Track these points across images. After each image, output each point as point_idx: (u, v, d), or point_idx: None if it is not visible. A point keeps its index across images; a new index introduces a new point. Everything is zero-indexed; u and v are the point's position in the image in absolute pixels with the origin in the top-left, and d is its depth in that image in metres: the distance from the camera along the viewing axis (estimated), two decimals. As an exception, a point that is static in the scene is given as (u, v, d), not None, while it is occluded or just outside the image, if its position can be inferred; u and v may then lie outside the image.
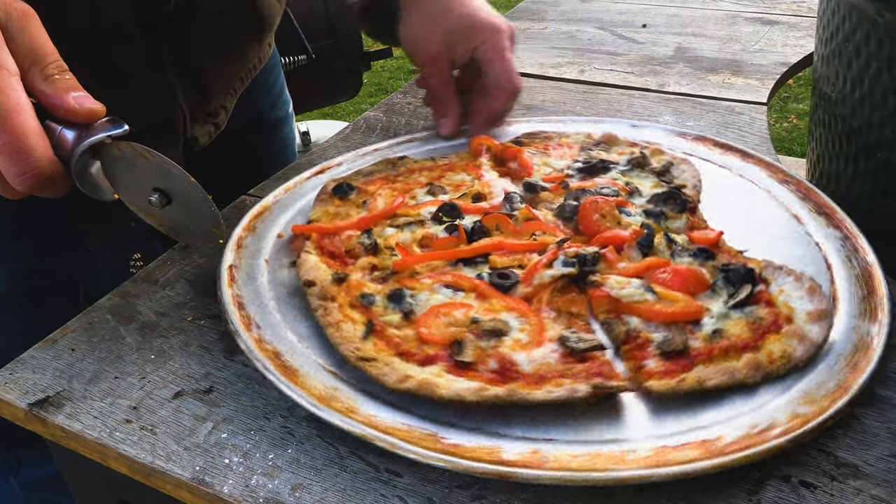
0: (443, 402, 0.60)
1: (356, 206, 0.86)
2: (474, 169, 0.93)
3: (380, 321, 0.69)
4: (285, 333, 0.70)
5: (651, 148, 0.96)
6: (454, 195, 0.87)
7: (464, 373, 0.63)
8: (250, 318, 0.71)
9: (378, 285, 0.74)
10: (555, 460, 0.56)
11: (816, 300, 0.68)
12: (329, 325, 0.69)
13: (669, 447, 0.57)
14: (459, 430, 0.60)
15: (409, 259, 0.76)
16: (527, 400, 0.60)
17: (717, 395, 0.62)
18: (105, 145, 0.66)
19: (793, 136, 3.75)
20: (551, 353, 0.64)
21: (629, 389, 0.62)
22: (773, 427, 0.58)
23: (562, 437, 0.59)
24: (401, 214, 0.83)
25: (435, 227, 0.81)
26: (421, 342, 0.66)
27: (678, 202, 0.83)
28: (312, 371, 0.65)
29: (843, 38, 0.85)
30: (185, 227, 0.75)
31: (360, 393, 0.63)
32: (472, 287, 0.72)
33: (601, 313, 0.70)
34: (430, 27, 0.97)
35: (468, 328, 0.67)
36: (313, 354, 0.68)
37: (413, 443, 0.58)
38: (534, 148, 0.97)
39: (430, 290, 0.72)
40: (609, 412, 0.61)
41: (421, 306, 0.70)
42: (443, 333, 0.67)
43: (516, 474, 0.55)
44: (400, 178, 0.91)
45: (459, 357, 0.64)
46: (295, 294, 0.75)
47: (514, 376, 0.62)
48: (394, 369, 0.63)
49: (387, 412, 0.61)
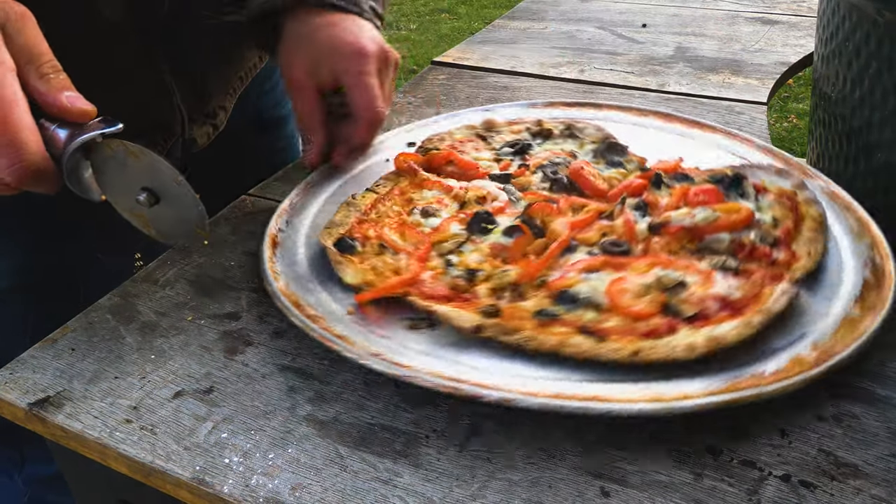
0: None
1: (374, 255, 0.79)
2: (433, 184, 0.89)
3: (580, 322, 0.68)
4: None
5: (533, 121, 1.02)
6: (447, 210, 0.85)
7: (690, 324, 0.66)
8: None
9: (528, 301, 0.71)
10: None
11: (791, 178, 0.82)
12: (556, 347, 0.65)
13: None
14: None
15: (532, 267, 0.74)
16: (771, 313, 0.66)
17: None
18: (96, 144, 0.66)
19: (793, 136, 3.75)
20: (729, 281, 0.70)
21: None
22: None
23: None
24: (438, 242, 0.79)
25: (484, 238, 0.79)
26: (634, 320, 0.67)
27: (619, 148, 0.92)
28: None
29: (843, 38, 0.85)
30: (171, 228, 0.75)
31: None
32: (605, 263, 0.73)
33: (685, 245, 0.75)
34: (296, 50, 0.91)
35: (656, 291, 0.69)
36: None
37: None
38: (447, 147, 0.97)
39: (580, 281, 0.71)
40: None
41: (597, 295, 0.69)
42: (647, 304, 0.68)
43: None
44: (371, 218, 0.84)
45: (681, 316, 0.67)
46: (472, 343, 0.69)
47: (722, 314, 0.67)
48: (667, 345, 0.64)
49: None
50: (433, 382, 0.62)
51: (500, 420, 0.62)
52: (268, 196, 0.95)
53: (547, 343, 0.66)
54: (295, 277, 0.77)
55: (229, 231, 0.88)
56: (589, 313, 0.69)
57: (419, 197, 0.88)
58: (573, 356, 0.65)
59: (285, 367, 0.69)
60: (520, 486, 0.57)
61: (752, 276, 0.71)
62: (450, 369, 0.64)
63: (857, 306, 0.68)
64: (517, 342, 0.66)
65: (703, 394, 0.60)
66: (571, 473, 0.58)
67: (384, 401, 0.65)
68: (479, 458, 0.59)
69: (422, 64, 4.57)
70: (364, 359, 0.65)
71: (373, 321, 0.71)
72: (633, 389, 0.62)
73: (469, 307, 0.71)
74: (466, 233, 0.80)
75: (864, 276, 0.72)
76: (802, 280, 0.72)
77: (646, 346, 0.64)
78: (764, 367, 0.63)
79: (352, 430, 0.62)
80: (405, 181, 0.90)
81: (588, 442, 0.60)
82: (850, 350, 0.63)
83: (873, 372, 0.65)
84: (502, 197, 0.86)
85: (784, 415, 0.62)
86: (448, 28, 5.39)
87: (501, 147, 0.97)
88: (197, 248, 0.85)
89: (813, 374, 0.61)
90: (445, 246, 0.79)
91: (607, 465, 0.58)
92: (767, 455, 0.58)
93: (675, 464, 0.58)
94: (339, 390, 0.66)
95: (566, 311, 0.69)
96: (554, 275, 0.74)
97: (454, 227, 0.81)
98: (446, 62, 1.40)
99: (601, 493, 0.56)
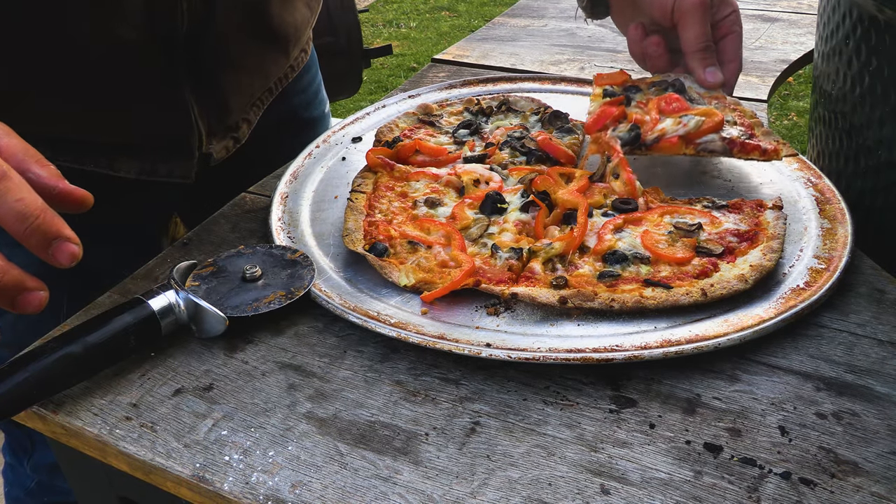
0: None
1: (408, 253, 0.80)
2: (419, 174, 0.91)
3: (641, 276, 0.74)
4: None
5: (464, 101, 1.07)
6: (447, 197, 0.87)
7: (723, 259, 0.76)
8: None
9: (583, 269, 0.76)
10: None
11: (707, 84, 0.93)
12: (639, 302, 0.71)
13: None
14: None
15: (575, 238, 0.78)
16: (782, 237, 0.78)
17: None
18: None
19: (793, 134, 3.75)
20: (728, 217, 0.81)
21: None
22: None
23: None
24: (463, 229, 0.81)
25: (501, 217, 0.83)
26: (679, 265, 0.75)
27: (561, 116, 0.99)
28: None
29: (844, 36, 0.85)
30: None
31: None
32: (625, 221, 0.81)
33: (684, 152, 0.87)
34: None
35: (681, 237, 0.78)
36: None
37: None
38: (407, 137, 0.99)
39: (616, 240, 0.78)
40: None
41: (640, 249, 0.77)
42: (683, 250, 0.77)
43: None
44: (378, 219, 0.84)
45: (713, 254, 0.76)
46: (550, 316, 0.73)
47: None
48: (721, 280, 0.72)
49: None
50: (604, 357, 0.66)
51: (498, 417, 0.63)
52: (267, 193, 0.95)
53: (629, 300, 0.71)
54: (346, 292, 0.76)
55: (229, 229, 0.88)
56: (643, 267, 0.75)
57: (411, 189, 0.89)
58: (655, 307, 0.70)
59: (285, 365, 0.69)
60: (519, 483, 0.57)
61: (742, 208, 0.82)
62: (582, 342, 0.68)
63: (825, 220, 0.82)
64: (600, 305, 0.71)
65: (773, 314, 0.69)
66: (571, 471, 0.58)
67: (384, 398, 0.65)
68: (478, 456, 0.59)
69: (422, 62, 4.57)
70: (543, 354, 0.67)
71: (445, 316, 0.72)
72: (714, 325, 0.69)
73: (538, 283, 0.74)
74: (484, 216, 0.83)
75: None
76: (780, 206, 0.82)
77: (706, 285, 0.71)
78: (793, 284, 0.73)
79: (352, 427, 0.62)
80: (384, 176, 0.91)
81: (588, 440, 0.60)
82: (848, 248, 0.76)
83: (873, 370, 0.65)
84: (495, 177, 0.89)
85: (784, 412, 0.62)
86: (448, 26, 5.39)
87: (456, 130, 1.01)
88: (196, 246, 0.85)
89: (836, 276, 0.73)
90: (473, 231, 0.81)
91: (607, 463, 0.58)
92: (767, 453, 0.58)
93: (675, 461, 0.58)
94: (339, 388, 0.66)
95: (622, 270, 0.75)
96: (589, 240, 0.79)
97: (469, 213, 0.83)
98: (446, 60, 1.39)
99: (601, 490, 0.56)
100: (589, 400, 0.64)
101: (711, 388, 0.64)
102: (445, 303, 0.73)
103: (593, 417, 0.62)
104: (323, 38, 2.23)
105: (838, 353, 0.67)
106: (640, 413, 0.63)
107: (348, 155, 0.99)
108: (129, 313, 0.67)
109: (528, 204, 0.83)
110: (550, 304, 0.71)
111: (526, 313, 0.72)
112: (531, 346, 0.67)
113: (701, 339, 0.67)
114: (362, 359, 0.69)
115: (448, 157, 0.95)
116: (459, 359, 0.68)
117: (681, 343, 0.66)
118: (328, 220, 0.87)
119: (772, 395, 0.63)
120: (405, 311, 0.72)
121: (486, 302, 0.74)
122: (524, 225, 0.82)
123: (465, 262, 0.75)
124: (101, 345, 0.65)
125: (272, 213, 0.87)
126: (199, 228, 0.88)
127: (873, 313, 0.72)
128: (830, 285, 0.72)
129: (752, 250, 0.76)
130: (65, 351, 0.63)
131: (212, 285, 0.73)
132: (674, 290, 0.71)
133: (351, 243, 0.80)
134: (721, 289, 0.71)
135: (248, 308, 0.71)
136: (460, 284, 0.73)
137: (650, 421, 0.62)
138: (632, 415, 0.62)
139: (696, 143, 0.88)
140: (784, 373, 0.66)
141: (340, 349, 0.70)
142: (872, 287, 0.75)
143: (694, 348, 0.66)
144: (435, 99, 1.10)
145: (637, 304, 0.70)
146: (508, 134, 0.97)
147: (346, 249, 0.80)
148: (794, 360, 0.67)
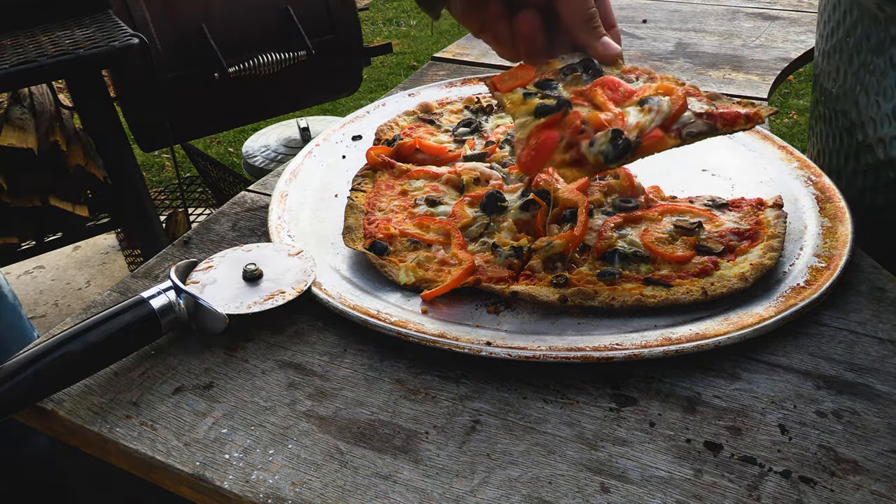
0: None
1: (408, 251, 0.80)
2: (419, 172, 0.91)
3: (641, 275, 0.74)
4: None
5: (464, 99, 1.07)
6: (447, 196, 0.87)
7: (723, 258, 0.76)
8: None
9: (583, 267, 0.76)
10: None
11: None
12: (639, 300, 0.71)
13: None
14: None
15: (575, 237, 0.78)
16: (783, 235, 0.78)
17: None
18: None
19: (793, 132, 3.75)
20: (729, 215, 0.82)
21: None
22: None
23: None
24: (463, 227, 0.81)
25: (501, 216, 0.82)
26: (679, 263, 0.75)
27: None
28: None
29: (844, 34, 0.85)
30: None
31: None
32: (625, 220, 0.81)
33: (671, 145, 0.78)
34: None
35: (680, 235, 0.78)
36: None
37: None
38: (407, 135, 0.99)
39: (616, 238, 0.79)
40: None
41: (640, 248, 0.77)
42: (683, 248, 0.77)
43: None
44: (377, 217, 0.85)
45: (713, 252, 0.76)
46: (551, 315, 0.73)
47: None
48: (722, 279, 0.73)
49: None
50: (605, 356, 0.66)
51: (498, 416, 0.63)
52: (267, 192, 0.95)
53: (630, 299, 0.71)
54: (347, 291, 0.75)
55: (229, 227, 0.88)
56: (643, 266, 0.76)
57: (411, 188, 0.89)
58: (655, 305, 0.71)
59: (285, 363, 0.69)
60: (519, 481, 0.57)
61: (743, 206, 0.82)
62: (586, 341, 0.68)
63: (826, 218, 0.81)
64: (600, 304, 0.71)
65: (774, 313, 0.69)
66: (571, 469, 0.58)
67: (384, 397, 0.65)
68: (478, 455, 0.59)
69: (422, 60, 4.57)
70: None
71: (446, 315, 0.72)
72: (714, 324, 0.68)
73: (538, 282, 0.74)
74: (484, 214, 0.83)
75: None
76: (781, 204, 0.82)
77: (706, 284, 0.72)
78: (793, 283, 0.73)
79: (352, 425, 0.62)
80: (384, 175, 0.92)
81: (588, 438, 0.60)
82: (848, 246, 0.76)
83: (873, 368, 0.65)
84: (495, 176, 0.89)
85: (784, 411, 0.62)
86: (448, 24, 5.39)
87: (456, 128, 1.01)
88: (196, 244, 0.85)
89: (836, 275, 0.73)
90: (473, 230, 0.81)
91: (607, 461, 0.58)
92: (767, 451, 0.58)
93: (675, 460, 0.58)
94: (339, 386, 0.66)
95: (623, 268, 0.75)
96: (589, 238, 0.79)
97: (469, 211, 0.83)
98: (446, 58, 1.39)
99: (601, 488, 0.56)
100: (589, 398, 0.64)
101: (712, 387, 0.64)
102: (445, 301, 0.73)
103: (593, 416, 0.62)
104: (323, 35, 2.23)
105: (838, 352, 0.67)
106: (640, 411, 0.63)
107: (348, 153, 0.99)
108: (128, 312, 0.67)
109: (529, 202, 0.83)
110: (551, 302, 0.71)
111: (526, 312, 0.72)
112: (531, 344, 0.67)
113: (701, 337, 0.67)
114: (362, 357, 0.69)
115: (448, 156, 0.95)
116: (459, 357, 0.68)
117: (681, 341, 0.66)
118: (328, 218, 0.87)
119: (772, 393, 0.64)
120: (405, 310, 0.72)
121: (486, 300, 0.74)
122: (524, 223, 0.82)
123: (466, 260, 0.75)
124: (101, 343, 0.65)
125: (272, 212, 0.87)
126: (199, 226, 0.88)
127: (873, 312, 0.72)
128: (831, 284, 0.72)
129: (753, 249, 0.76)
130: (65, 350, 0.63)
131: (212, 284, 0.73)
132: (674, 289, 0.72)
133: (351, 242, 0.80)
134: (721, 287, 0.71)
135: (248, 306, 0.71)
136: (460, 283, 0.73)
137: (650, 419, 0.62)
138: (632, 413, 0.62)
139: (676, 130, 0.73)
140: (784, 371, 0.66)
141: (340, 347, 0.70)
142: (873, 285, 0.75)
143: (694, 347, 0.66)
144: (435, 97, 1.10)
145: (637, 302, 0.70)
146: (508, 132, 0.98)
147: (346, 248, 0.80)
148: (795, 359, 0.67)
